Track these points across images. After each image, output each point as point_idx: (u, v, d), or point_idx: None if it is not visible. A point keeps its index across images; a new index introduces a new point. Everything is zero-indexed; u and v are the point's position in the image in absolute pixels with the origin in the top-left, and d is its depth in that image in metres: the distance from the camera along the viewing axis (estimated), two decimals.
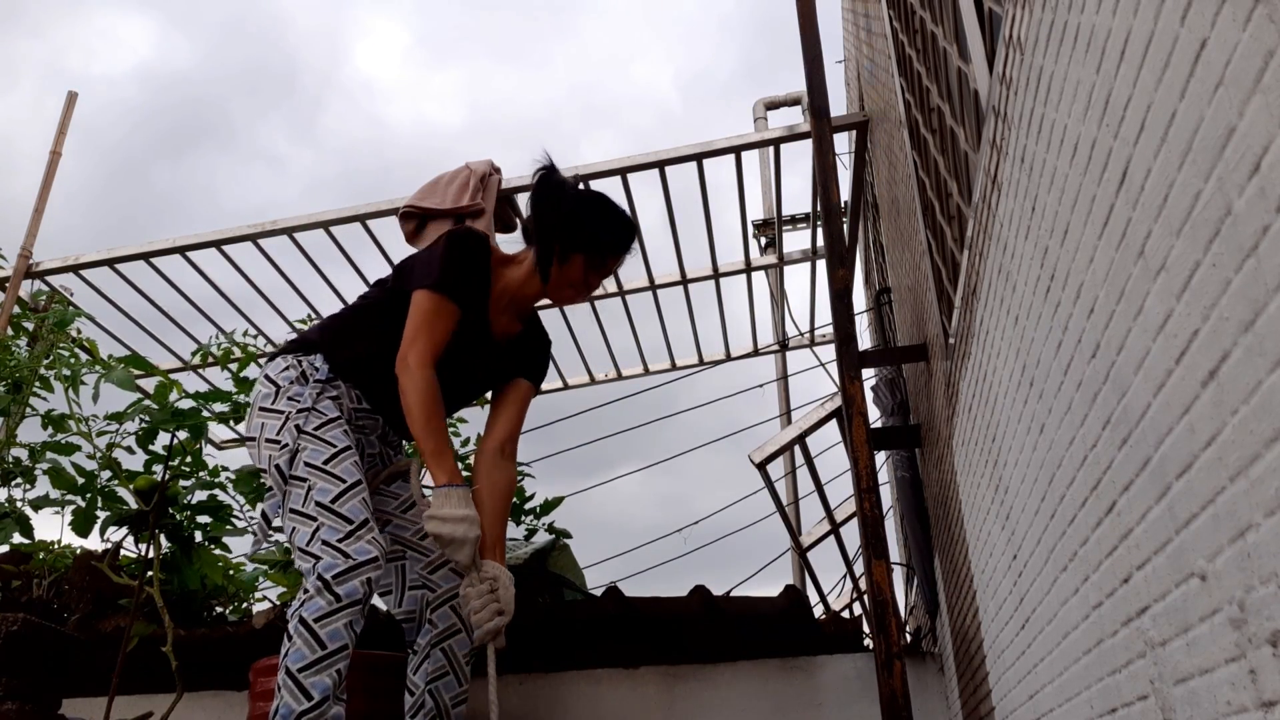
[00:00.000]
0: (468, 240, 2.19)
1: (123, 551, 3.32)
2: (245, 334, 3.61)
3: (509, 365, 2.36)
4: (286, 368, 2.10)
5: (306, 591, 1.83)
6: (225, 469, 3.23)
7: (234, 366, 3.34)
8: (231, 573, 3.54)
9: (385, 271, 4.39)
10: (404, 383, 2.02)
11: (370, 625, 2.39)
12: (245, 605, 3.82)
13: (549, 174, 2.29)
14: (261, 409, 2.05)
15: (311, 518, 1.88)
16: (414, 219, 3.74)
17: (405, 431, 2.30)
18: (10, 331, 4.01)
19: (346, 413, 2.11)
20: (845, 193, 4.56)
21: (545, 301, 2.45)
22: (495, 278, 2.27)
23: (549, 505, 3.65)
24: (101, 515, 3.08)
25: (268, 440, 2.00)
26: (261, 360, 2.22)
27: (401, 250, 3.99)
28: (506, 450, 2.29)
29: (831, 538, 4.60)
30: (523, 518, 3.62)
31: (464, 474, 2.26)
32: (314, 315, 4.33)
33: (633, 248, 2.35)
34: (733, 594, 3.81)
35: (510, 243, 2.50)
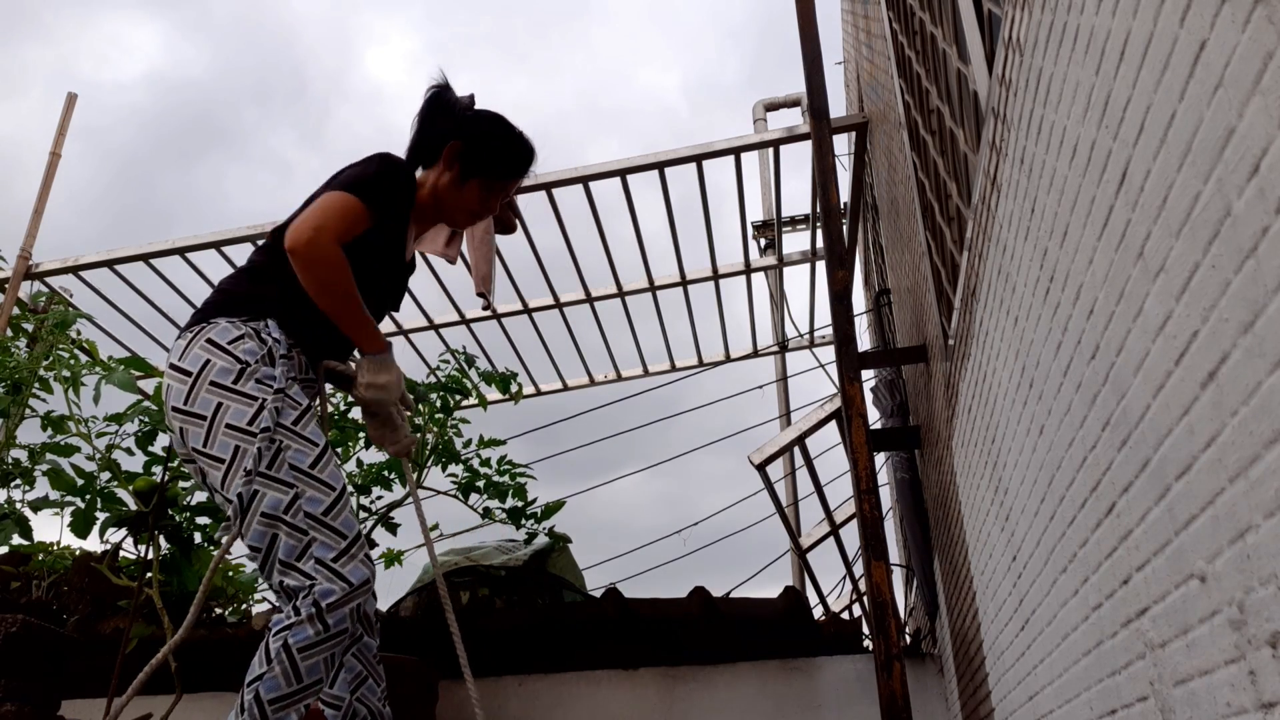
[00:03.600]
0: (400, 164, 2.04)
1: (122, 553, 3.32)
2: None
3: (403, 289, 2.27)
4: (241, 335, 1.84)
5: (297, 614, 1.69)
6: None
7: None
8: (231, 574, 3.54)
9: None
10: (310, 255, 1.81)
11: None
12: (244, 607, 3.82)
13: (441, 93, 2.14)
14: (217, 385, 1.79)
15: (301, 530, 1.73)
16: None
17: (337, 385, 2.20)
18: (10, 333, 4.01)
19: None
20: (845, 194, 4.56)
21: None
22: (416, 206, 2.14)
23: (550, 509, 3.64)
24: (101, 517, 3.08)
25: (231, 427, 1.77)
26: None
27: None
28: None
29: (831, 539, 4.60)
30: (523, 521, 3.61)
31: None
32: None
33: (531, 170, 2.22)
34: (732, 595, 3.82)
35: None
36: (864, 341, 5.61)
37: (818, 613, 4.29)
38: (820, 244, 4.18)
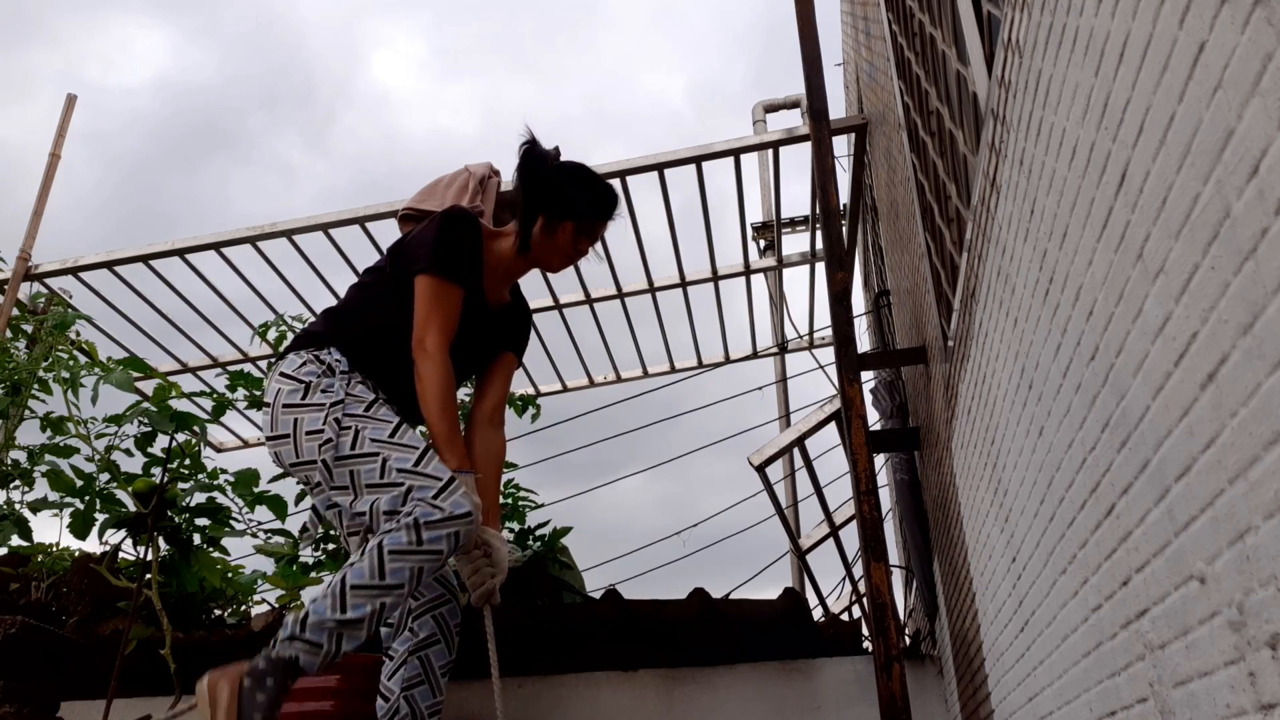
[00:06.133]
0: (459, 221, 2.22)
1: (121, 554, 3.32)
2: (285, 320, 3.57)
3: (499, 337, 2.42)
4: (305, 363, 2.10)
5: (396, 525, 1.86)
6: (224, 471, 3.23)
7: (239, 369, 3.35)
8: (230, 575, 3.53)
9: None
10: (421, 367, 2.05)
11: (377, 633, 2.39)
12: (244, 608, 3.81)
13: (532, 147, 2.33)
14: (289, 405, 2.04)
15: (397, 484, 1.90)
16: (413, 221, 3.74)
17: (415, 418, 2.33)
18: (9, 334, 4.01)
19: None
20: (844, 195, 4.56)
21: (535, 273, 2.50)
22: (487, 252, 2.32)
23: (557, 535, 3.64)
24: (100, 518, 3.07)
25: (309, 433, 1.99)
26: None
27: None
28: (495, 419, 2.37)
29: (831, 540, 4.60)
30: (529, 543, 3.61)
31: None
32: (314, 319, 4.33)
33: (617, 214, 2.39)
34: (732, 597, 3.81)
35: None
36: (863, 343, 5.61)
37: (817, 614, 4.29)
38: (820, 245, 4.18)
